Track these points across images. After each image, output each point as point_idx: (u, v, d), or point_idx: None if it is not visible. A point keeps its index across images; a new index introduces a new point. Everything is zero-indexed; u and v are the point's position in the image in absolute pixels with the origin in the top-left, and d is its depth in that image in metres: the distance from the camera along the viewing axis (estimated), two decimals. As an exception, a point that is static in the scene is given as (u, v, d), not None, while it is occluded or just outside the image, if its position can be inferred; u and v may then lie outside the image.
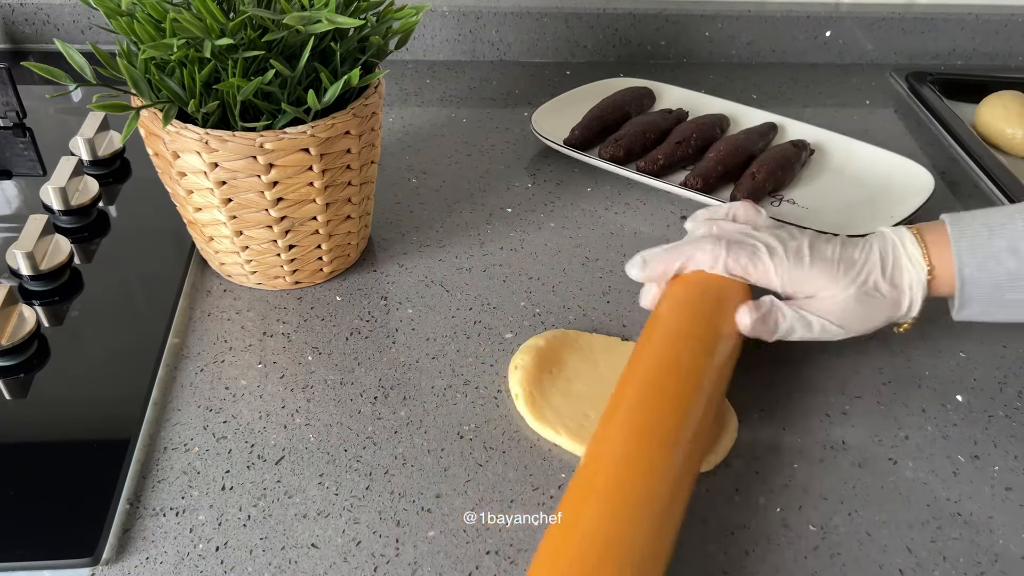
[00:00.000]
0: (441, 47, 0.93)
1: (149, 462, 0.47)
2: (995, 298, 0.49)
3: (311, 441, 0.49)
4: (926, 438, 0.51)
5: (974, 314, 0.50)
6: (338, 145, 0.52)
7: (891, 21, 0.95)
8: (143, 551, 0.43)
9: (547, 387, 0.52)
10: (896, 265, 0.50)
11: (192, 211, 0.54)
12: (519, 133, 0.80)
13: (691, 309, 0.50)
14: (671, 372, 0.45)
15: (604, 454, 0.42)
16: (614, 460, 0.41)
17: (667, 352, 0.47)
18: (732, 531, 0.45)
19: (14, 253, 0.56)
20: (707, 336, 0.48)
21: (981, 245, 0.48)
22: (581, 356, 0.54)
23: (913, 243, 0.50)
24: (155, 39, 0.47)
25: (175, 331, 0.56)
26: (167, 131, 0.50)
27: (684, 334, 0.48)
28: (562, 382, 0.52)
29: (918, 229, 0.50)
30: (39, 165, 0.71)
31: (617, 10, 0.92)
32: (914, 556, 0.45)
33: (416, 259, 0.63)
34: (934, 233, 0.50)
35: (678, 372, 0.45)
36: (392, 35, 0.55)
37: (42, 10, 0.87)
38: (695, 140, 0.74)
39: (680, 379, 0.45)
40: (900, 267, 0.50)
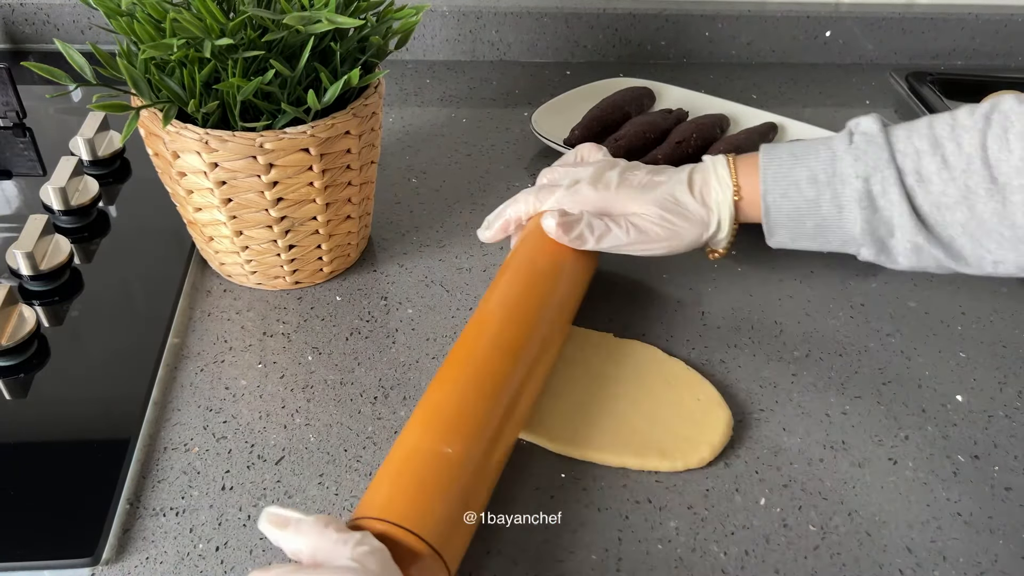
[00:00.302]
0: (441, 47, 0.93)
1: (149, 462, 0.47)
2: (798, 225, 0.52)
3: (311, 441, 0.49)
4: (926, 438, 0.51)
5: (784, 241, 0.54)
6: (338, 145, 0.52)
7: (891, 21, 0.95)
8: (143, 551, 0.43)
9: None
10: (705, 184, 0.53)
11: (192, 211, 0.54)
12: (519, 133, 0.80)
13: (510, 265, 0.53)
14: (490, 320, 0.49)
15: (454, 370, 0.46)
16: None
17: (490, 307, 0.50)
18: (732, 531, 0.45)
19: (14, 253, 0.56)
20: (526, 282, 0.51)
21: (785, 173, 0.51)
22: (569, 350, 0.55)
23: (724, 167, 0.53)
24: (155, 39, 0.47)
25: (175, 331, 0.56)
26: (167, 131, 0.50)
27: (504, 285, 0.51)
28: None
29: (734, 157, 0.54)
30: (39, 165, 0.71)
31: (617, 10, 0.92)
32: (914, 556, 0.45)
33: (416, 259, 0.63)
34: (748, 160, 0.53)
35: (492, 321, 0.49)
36: (392, 35, 0.55)
37: (42, 10, 0.87)
38: (695, 140, 0.74)
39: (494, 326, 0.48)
40: (708, 186, 0.53)
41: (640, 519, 0.46)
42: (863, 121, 0.52)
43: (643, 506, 0.46)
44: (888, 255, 0.51)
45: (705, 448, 0.49)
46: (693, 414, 0.51)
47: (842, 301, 0.61)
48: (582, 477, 0.48)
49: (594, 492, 0.47)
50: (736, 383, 0.54)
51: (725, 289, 0.62)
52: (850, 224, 0.50)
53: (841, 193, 0.50)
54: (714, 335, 0.58)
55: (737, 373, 0.55)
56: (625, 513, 0.46)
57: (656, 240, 0.53)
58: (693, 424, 0.50)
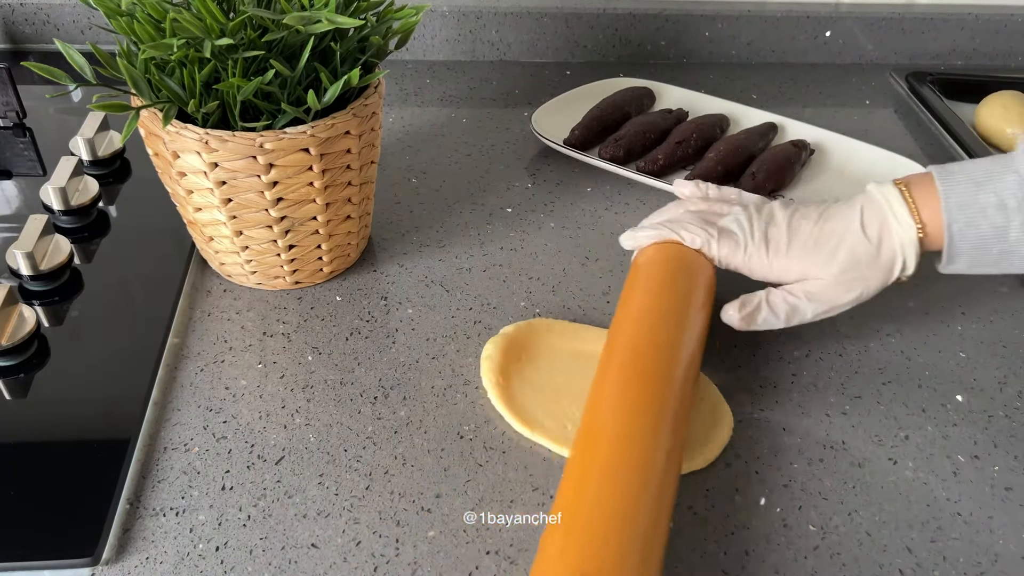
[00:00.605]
0: (441, 47, 0.93)
1: (149, 462, 0.47)
2: (982, 252, 0.50)
3: (311, 441, 0.49)
4: (926, 438, 0.51)
5: (961, 268, 0.51)
6: (338, 145, 0.52)
7: (891, 21, 0.95)
8: (143, 551, 0.43)
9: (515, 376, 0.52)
10: (884, 227, 0.50)
11: (192, 211, 0.54)
12: (519, 133, 0.80)
13: (665, 286, 0.51)
14: (650, 351, 0.46)
15: (598, 434, 0.43)
16: (608, 440, 0.42)
17: (644, 332, 0.48)
18: (732, 531, 0.45)
19: (14, 253, 0.56)
20: (682, 312, 0.49)
21: (969, 201, 0.49)
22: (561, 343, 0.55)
23: (900, 202, 0.50)
24: (155, 39, 0.47)
25: (175, 331, 0.56)
26: (167, 131, 0.50)
27: (661, 312, 0.49)
28: (530, 371, 0.53)
29: (906, 184, 0.50)
30: (39, 165, 0.71)
31: (617, 10, 0.92)
32: (914, 556, 0.45)
33: (416, 259, 0.63)
34: (922, 189, 0.50)
35: (657, 350, 0.46)
36: (392, 35, 0.55)
37: (42, 10, 0.87)
38: (695, 140, 0.74)
39: (661, 358, 0.46)
40: (889, 230, 0.50)
41: (640, 519, 0.46)
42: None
43: (643, 506, 0.46)
44: None
45: (708, 449, 0.49)
46: (697, 414, 0.51)
47: (842, 301, 0.61)
48: (582, 477, 0.48)
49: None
50: (736, 383, 0.54)
51: (725, 288, 0.62)
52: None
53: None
54: (714, 335, 0.58)
55: (737, 373, 0.55)
56: (625, 513, 0.46)
57: (842, 304, 0.51)
58: (696, 424, 0.50)
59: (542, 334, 0.56)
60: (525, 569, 0.43)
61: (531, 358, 0.54)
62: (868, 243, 0.50)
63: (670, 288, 0.51)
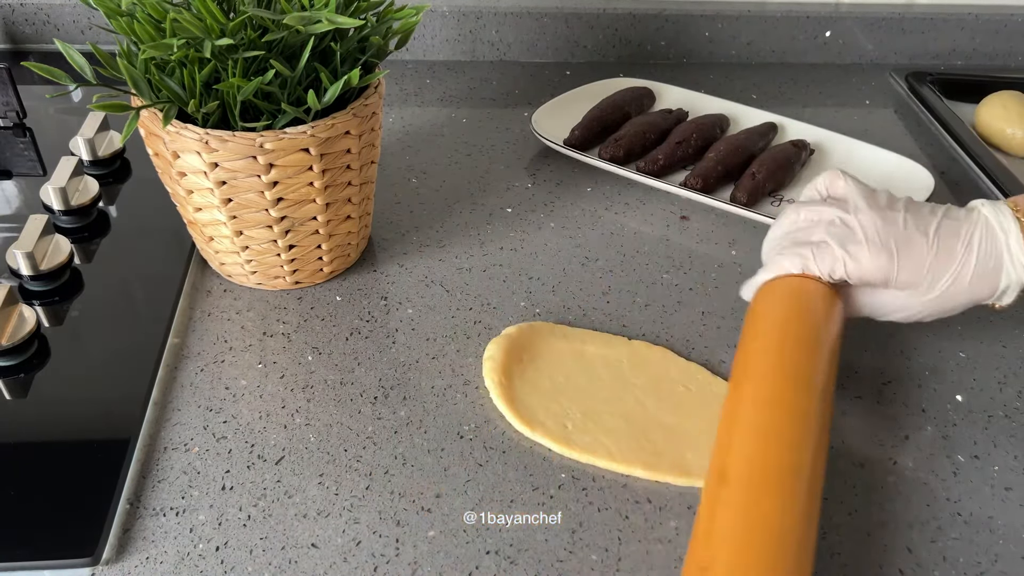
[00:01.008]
0: (441, 47, 0.93)
1: (149, 462, 0.47)
2: None
3: (311, 441, 0.49)
4: (926, 438, 0.51)
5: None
6: (338, 145, 0.52)
7: (891, 21, 0.95)
8: (143, 551, 0.43)
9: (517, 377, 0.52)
10: (994, 244, 0.48)
11: (192, 211, 0.54)
12: (519, 133, 0.80)
13: (804, 315, 0.48)
14: (801, 386, 0.44)
15: (739, 463, 0.41)
16: (751, 470, 0.41)
17: (792, 364, 0.45)
18: (732, 531, 0.45)
19: (14, 253, 0.56)
20: (823, 345, 0.47)
21: None
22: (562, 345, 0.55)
23: (1018, 241, 0.47)
24: (155, 39, 0.47)
25: (175, 331, 0.56)
26: (167, 131, 0.50)
27: (808, 341, 0.46)
28: (532, 372, 0.53)
29: (1015, 206, 0.48)
30: (39, 165, 0.71)
31: (617, 10, 0.92)
32: (914, 556, 0.45)
33: (416, 259, 0.63)
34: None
35: (809, 387, 0.44)
36: (392, 35, 0.55)
37: (42, 10, 0.87)
38: (695, 140, 0.74)
39: (810, 393, 0.44)
40: (998, 246, 0.48)
41: (640, 519, 0.46)
42: None
43: (643, 506, 0.46)
44: None
45: None
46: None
47: (842, 301, 0.61)
48: (582, 477, 0.48)
49: (594, 492, 0.47)
50: (736, 383, 0.54)
51: (725, 288, 0.62)
52: None
53: None
54: (714, 335, 0.58)
55: (737, 373, 0.55)
56: (625, 513, 0.46)
57: (950, 309, 0.50)
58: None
59: (544, 335, 0.56)
60: (525, 569, 0.43)
61: (532, 359, 0.54)
62: (978, 274, 0.48)
63: (808, 320, 0.48)
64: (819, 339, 0.47)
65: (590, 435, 0.49)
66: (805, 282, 0.50)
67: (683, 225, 0.68)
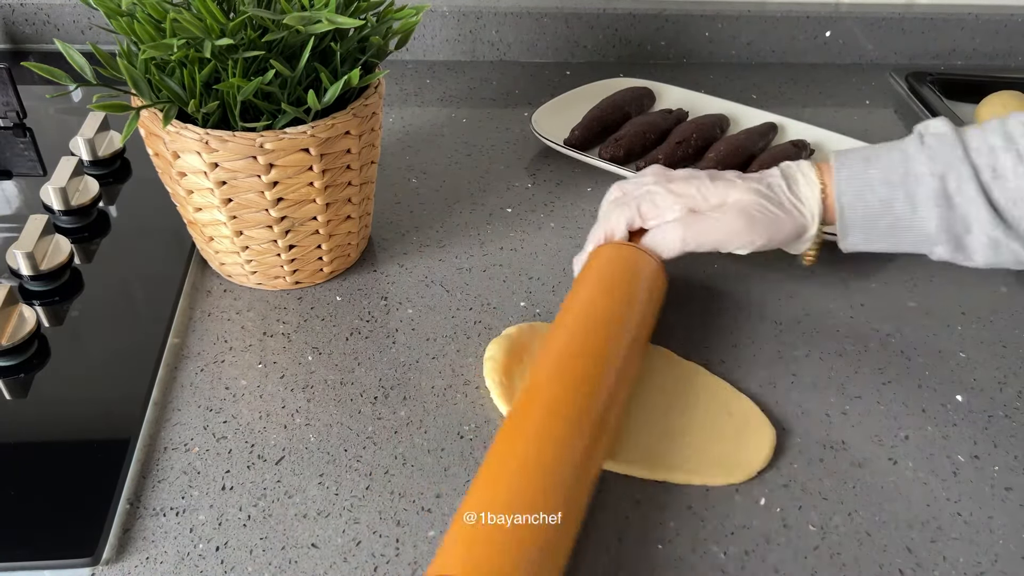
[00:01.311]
0: (441, 47, 0.93)
1: (149, 462, 0.47)
2: (872, 226, 0.53)
3: (311, 441, 0.49)
4: (926, 438, 0.51)
5: (857, 243, 0.54)
6: (338, 145, 0.52)
7: (891, 21, 0.95)
8: (143, 551, 0.43)
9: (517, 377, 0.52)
10: (794, 181, 0.55)
11: (192, 211, 0.54)
12: (519, 133, 0.80)
13: (602, 286, 0.52)
14: (582, 354, 0.47)
15: (529, 415, 0.44)
16: (535, 425, 0.43)
17: (577, 334, 0.48)
18: (732, 531, 0.45)
19: (14, 253, 0.56)
20: (622, 305, 0.51)
21: (858, 175, 0.53)
22: None
23: (809, 167, 0.55)
24: (155, 39, 0.47)
25: (175, 331, 0.56)
26: (167, 131, 0.50)
27: (589, 317, 0.50)
28: None
29: (815, 162, 0.55)
30: (39, 165, 0.71)
31: (617, 10, 0.92)
32: (914, 556, 0.45)
33: (416, 259, 0.63)
34: (826, 165, 0.55)
35: (588, 354, 0.47)
36: (392, 35, 0.55)
37: (42, 10, 0.87)
38: (695, 140, 0.74)
39: (591, 360, 0.47)
40: (798, 182, 0.55)
41: (640, 519, 0.46)
42: (932, 123, 0.53)
43: (643, 506, 0.46)
44: (964, 252, 0.52)
45: (750, 468, 0.48)
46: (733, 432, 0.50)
47: (842, 301, 0.61)
48: (582, 477, 0.48)
49: (594, 492, 0.47)
50: (736, 383, 0.54)
51: (726, 289, 0.62)
52: (926, 223, 0.51)
53: (915, 192, 0.51)
54: (715, 335, 0.58)
55: (737, 373, 0.55)
56: (625, 513, 0.46)
57: (759, 229, 0.53)
58: (737, 444, 0.49)
59: (544, 336, 0.56)
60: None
61: (533, 359, 0.54)
62: (784, 187, 0.54)
63: (600, 293, 0.51)
64: (615, 292, 0.51)
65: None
66: (616, 247, 0.54)
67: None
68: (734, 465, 0.48)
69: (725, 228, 0.53)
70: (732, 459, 0.48)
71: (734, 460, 0.48)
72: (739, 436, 0.50)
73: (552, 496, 0.40)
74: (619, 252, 0.54)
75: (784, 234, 0.54)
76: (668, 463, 0.48)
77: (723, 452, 0.49)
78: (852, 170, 0.53)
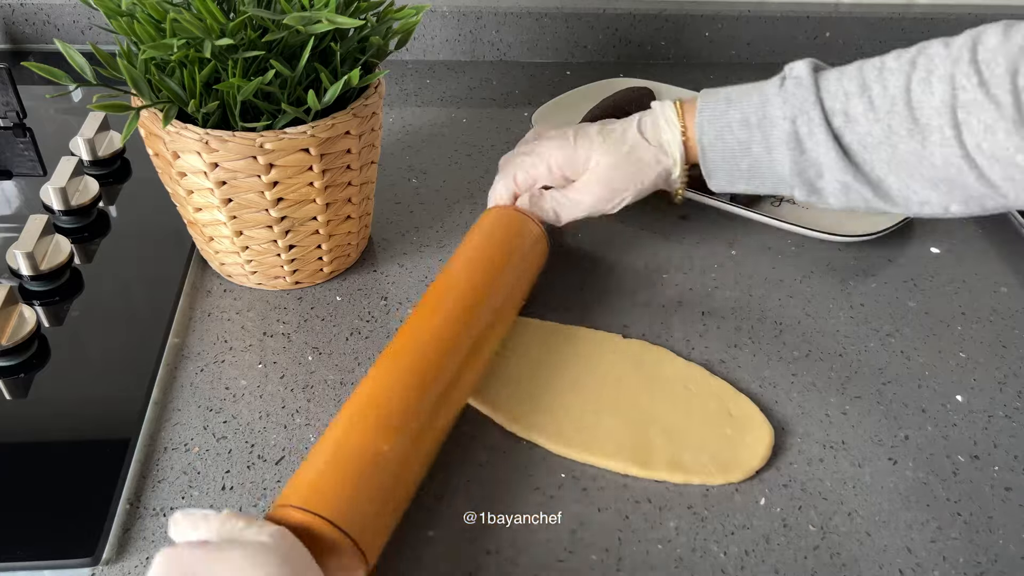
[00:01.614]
0: (441, 47, 0.93)
1: (149, 462, 0.47)
2: (733, 166, 0.54)
3: (311, 441, 0.49)
4: (926, 438, 0.51)
5: (723, 184, 0.56)
6: (338, 145, 0.52)
7: (891, 21, 0.95)
8: (143, 551, 0.43)
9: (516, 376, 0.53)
10: (655, 125, 0.56)
11: (192, 211, 0.54)
12: (519, 133, 0.80)
13: (480, 246, 0.55)
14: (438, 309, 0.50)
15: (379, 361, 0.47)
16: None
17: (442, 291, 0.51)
18: (732, 531, 0.45)
19: (14, 253, 0.56)
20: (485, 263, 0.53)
21: (719, 116, 0.54)
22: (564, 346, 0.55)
23: (671, 109, 0.56)
24: (155, 39, 0.47)
25: (175, 331, 0.56)
26: (167, 131, 0.50)
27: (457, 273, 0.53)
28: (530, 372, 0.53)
29: (681, 102, 0.56)
30: (39, 165, 0.71)
31: (617, 10, 0.92)
32: (914, 556, 0.45)
33: (416, 259, 0.63)
34: (692, 106, 0.55)
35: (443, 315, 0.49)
36: (392, 35, 0.55)
37: (42, 10, 0.87)
38: (695, 140, 0.73)
39: (443, 315, 0.49)
40: (659, 127, 0.56)
41: (640, 519, 0.46)
42: (796, 65, 0.53)
43: (643, 506, 0.46)
44: (819, 195, 0.53)
45: (747, 468, 0.48)
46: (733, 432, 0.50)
47: (842, 301, 0.61)
48: (582, 477, 0.48)
49: (594, 492, 0.47)
50: (736, 383, 0.54)
51: (725, 289, 0.62)
52: (779, 165, 0.52)
53: (770, 135, 0.52)
54: (714, 335, 0.58)
55: (737, 373, 0.55)
56: (625, 513, 0.46)
57: (621, 189, 0.56)
58: (737, 443, 0.49)
59: (544, 335, 0.56)
60: (525, 569, 0.43)
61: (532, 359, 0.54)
62: (641, 137, 0.56)
63: (459, 255, 0.54)
64: (484, 254, 0.54)
65: (587, 434, 0.49)
66: (498, 211, 0.58)
67: (683, 225, 0.68)
68: (734, 465, 0.48)
69: (590, 200, 0.57)
70: (732, 459, 0.48)
71: (734, 460, 0.48)
72: (739, 436, 0.50)
73: (384, 426, 0.42)
74: (501, 215, 0.58)
75: (650, 181, 0.56)
76: (668, 462, 0.48)
77: (723, 452, 0.49)
78: (714, 111, 0.54)
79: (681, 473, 0.47)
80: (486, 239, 0.55)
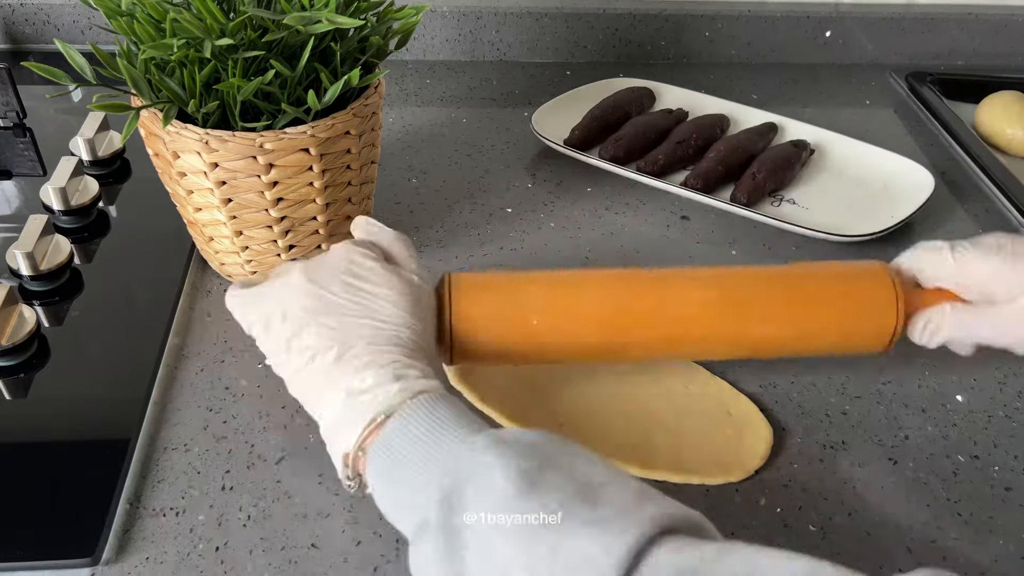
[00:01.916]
0: (441, 47, 0.93)
1: (149, 462, 0.47)
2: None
3: (311, 441, 0.49)
4: (926, 438, 0.51)
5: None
6: (338, 145, 0.52)
7: (891, 21, 0.95)
8: (143, 551, 0.43)
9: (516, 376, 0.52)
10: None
11: (192, 211, 0.54)
12: (519, 133, 0.80)
13: None
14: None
15: None
16: None
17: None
18: (732, 531, 0.45)
19: (14, 253, 0.56)
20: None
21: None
22: None
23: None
24: (155, 39, 0.47)
25: (175, 331, 0.56)
26: (167, 131, 0.50)
27: None
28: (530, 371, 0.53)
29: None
30: (39, 165, 0.71)
31: (617, 10, 0.92)
32: (914, 556, 0.45)
33: (416, 259, 0.63)
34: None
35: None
36: (392, 35, 0.55)
37: (42, 10, 0.87)
38: (695, 140, 0.74)
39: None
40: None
41: (640, 519, 0.46)
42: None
43: (643, 506, 0.46)
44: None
45: (747, 468, 0.48)
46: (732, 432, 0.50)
47: (842, 301, 0.61)
48: (582, 477, 0.48)
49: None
50: (736, 384, 0.54)
51: (725, 289, 0.62)
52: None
53: None
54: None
55: (737, 373, 0.55)
56: (625, 513, 0.46)
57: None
58: (737, 443, 0.49)
59: None
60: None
61: None
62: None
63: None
64: None
65: (587, 433, 0.49)
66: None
67: (683, 225, 0.68)
68: (734, 464, 0.48)
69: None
70: (731, 459, 0.48)
71: (734, 460, 0.48)
72: (739, 436, 0.50)
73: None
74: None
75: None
76: (667, 462, 0.48)
77: (723, 452, 0.49)
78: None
79: (681, 473, 0.47)
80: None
